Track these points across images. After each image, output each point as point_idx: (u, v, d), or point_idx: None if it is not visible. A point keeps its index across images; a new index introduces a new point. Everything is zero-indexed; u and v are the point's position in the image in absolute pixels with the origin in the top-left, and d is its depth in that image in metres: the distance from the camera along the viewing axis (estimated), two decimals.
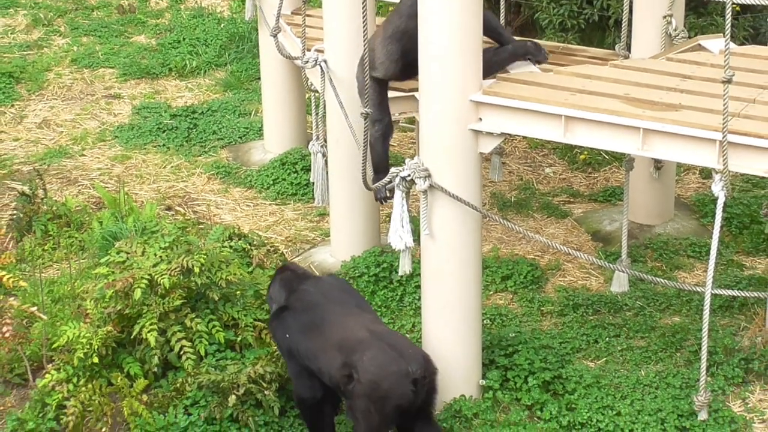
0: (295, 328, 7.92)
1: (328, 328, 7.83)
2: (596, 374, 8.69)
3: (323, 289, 8.13)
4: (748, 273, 9.97)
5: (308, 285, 8.12)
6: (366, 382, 7.52)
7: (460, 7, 7.67)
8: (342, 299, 8.10)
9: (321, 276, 8.53)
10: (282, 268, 8.41)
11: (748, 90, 8.00)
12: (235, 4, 14.28)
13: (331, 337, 7.78)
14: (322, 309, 7.95)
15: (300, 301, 8.01)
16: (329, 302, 8.01)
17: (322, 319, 7.89)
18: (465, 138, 7.97)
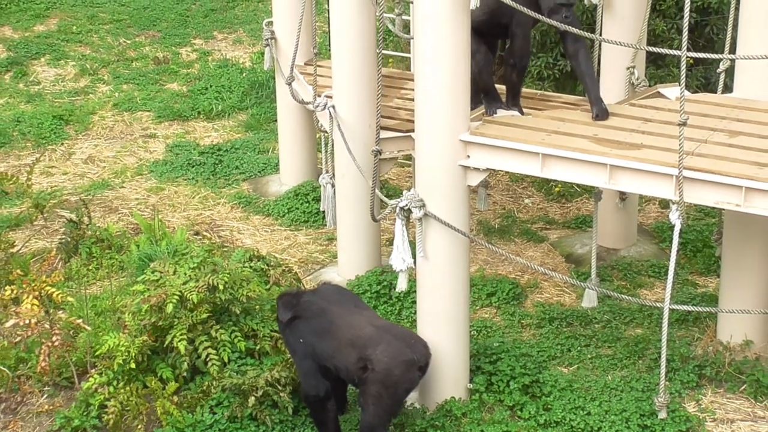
0: (308, 334, 7.95)
1: (338, 330, 7.89)
2: (569, 379, 8.67)
3: (324, 296, 8.17)
4: (701, 291, 9.96)
5: (309, 296, 8.15)
6: (381, 371, 7.66)
7: (450, 69, 7.71)
8: (342, 301, 8.16)
9: (319, 286, 8.54)
10: (280, 295, 8.39)
11: (701, 132, 8.01)
12: (255, 56, 14.30)
13: (342, 336, 7.86)
14: (329, 313, 7.99)
15: (307, 311, 8.03)
16: (333, 306, 8.05)
17: (331, 322, 7.94)
18: (455, 173, 7.98)
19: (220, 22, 15.34)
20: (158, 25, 15.25)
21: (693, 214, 10.83)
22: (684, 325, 9.40)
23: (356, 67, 9.60)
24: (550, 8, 8.17)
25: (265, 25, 11.45)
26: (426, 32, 7.75)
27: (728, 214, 8.73)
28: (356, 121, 9.64)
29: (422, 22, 7.77)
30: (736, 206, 7.55)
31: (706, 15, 12.09)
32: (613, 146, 7.87)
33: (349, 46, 9.57)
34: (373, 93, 9.64)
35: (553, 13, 8.13)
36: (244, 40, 14.93)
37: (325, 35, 12.83)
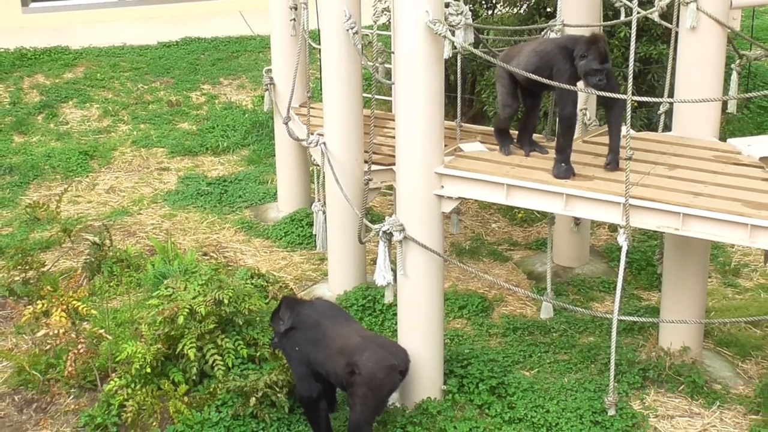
0: (303, 343, 7.95)
1: (329, 340, 7.90)
2: (531, 381, 8.66)
3: (318, 310, 8.15)
4: (645, 304, 9.97)
5: (306, 309, 8.14)
6: (366, 375, 7.68)
7: (426, 111, 7.73)
8: (333, 315, 8.15)
9: (313, 300, 8.54)
10: (284, 298, 8.42)
11: (644, 165, 8.03)
12: (256, 99, 14.31)
13: (333, 345, 7.87)
14: (322, 326, 7.98)
15: (303, 323, 8.02)
16: (325, 319, 8.04)
17: (323, 333, 7.94)
18: (431, 201, 7.98)
19: (226, 69, 15.35)
20: (171, 73, 15.25)
21: (638, 236, 10.85)
22: (630, 334, 9.40)
23: (344, 109, 9.61)
24: (585, 72, 7.86)
25: (265, 72, 11.47)
26: (404, 79, 7.77)
27: (668, 237, 8.75)
28: (344, 156, 9.65)
29: (401, 70, 7.80)
30: (675, 230, 7.57)
31: (648, 64, 12.15)
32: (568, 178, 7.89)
33: (337, 91, 9.58)
34: (358, 131, 9.68)
35: (589, 76, 7.86)
36: (247, 85, 14.94)
37: (317, 81, 12.84)
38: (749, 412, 8.51)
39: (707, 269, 9.08)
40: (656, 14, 8.58)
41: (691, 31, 8.34)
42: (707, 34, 8.33)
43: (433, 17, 7.54)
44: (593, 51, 7.80)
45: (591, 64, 7.80)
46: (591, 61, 7.79)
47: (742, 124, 13.07)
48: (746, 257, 10.87)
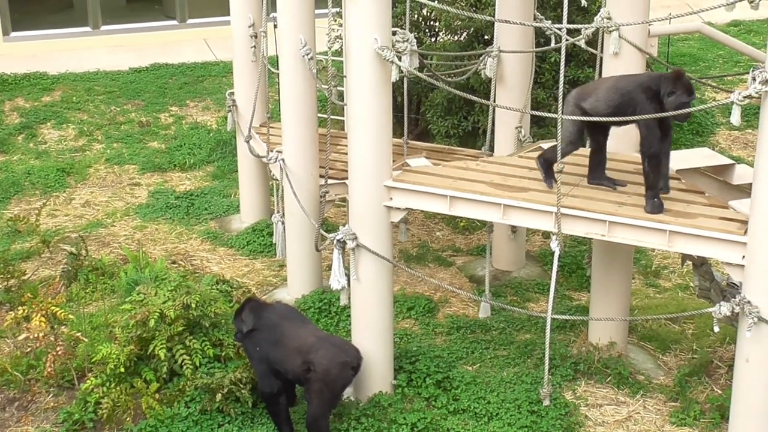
0: (264, 343, 7.93)
1: (287, 340, 7.89)
2: (473, 375, 8.66)
3: (277, 313, 8.13)
4: (575, 303, 10.01)
5: (267, 312, 8.10)
6: (321, 371, 7.69)
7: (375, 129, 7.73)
8: (291, 317, 8.14)
9: (273, 303, 8.49)
10: (248, 299, 8.37)
11: (573, 178, 8.07)
12: (220, 120, 14.22)
13: (290, 345, 7.86)
14: (281, 327, 7.97)
15: (264, 325, 8.00)
16: (284, 321, 8.03)
17: (282, 334, 7.92)
18: (381, 211, 7.97)
19: (192, 92, 15.24)
20: (142, 96, 15.12)
21: (569, 242, 10.90)
22: (563, 331, 9.43)
23: (301, 128, 9.58)
24: (676, 106, 7.49)
25: (228, 95, 11.42)
26: (356, 100, 7.76)
27: (596, 243, 8.80)
28: (301, 171, 9.61)
29: (353, 92, 7.79)
30: (602, 236, 7.61)
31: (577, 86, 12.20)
32: (505, 189, 7.90)
33: (295, 111, 9.55)
34: (314, 148, 9.65)
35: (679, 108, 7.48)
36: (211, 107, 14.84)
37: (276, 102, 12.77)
38: (669, 400, 8.56)
39: (631, 271, 9.14)
40: (583, 41, 8.63)
41: (614, 57, 8.40)
42: (628, 59, 8.39)
43: (381, 44, 7.54)
44: (680, 86, 7.51)
45: (681, 98, 7.50)
46: (680, 96, 7.50)
47: None
48: (666, 260, 10.96)
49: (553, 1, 11.86)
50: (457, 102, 12.11)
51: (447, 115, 12.26)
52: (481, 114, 11.84)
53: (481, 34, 12.20)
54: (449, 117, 12.25)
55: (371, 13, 7.51)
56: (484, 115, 11.48)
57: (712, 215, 7.46)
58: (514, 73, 9.90)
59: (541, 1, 11.59)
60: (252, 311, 8.10)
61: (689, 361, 9.04)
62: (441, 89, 11.60)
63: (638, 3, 8.25)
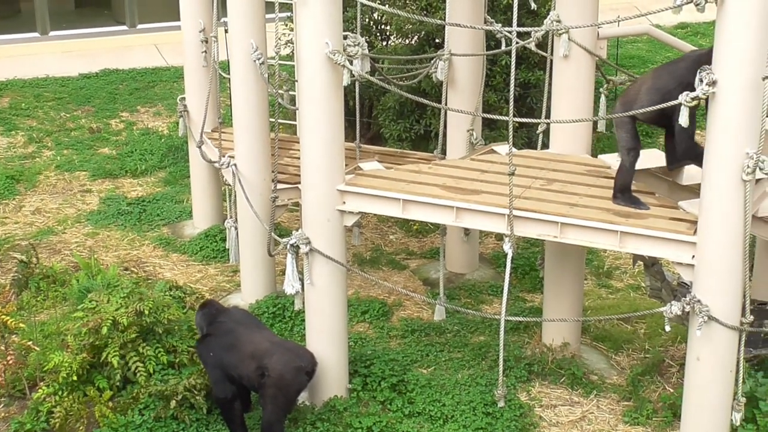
0: (218, 348, 7.89)
1: (242, 345, 7.86)
2: (428, 378, 8.66)
3: (233, 318, 8.11)
4: (529, 305, 10.05)
5: (222, 317, 8.07)
6: (275, 377, 7.67)
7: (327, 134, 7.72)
8: (246, 323, 8.12)
9: (229, 308, 8.45)
10: (204, 303, 8.34)
11: (525, 180, 8.10)
12: (172, 125, 14.12)
13: (245, 350, 7.83)
14: (235, 332, 7.94)
15: (218, 330, 7.97)
16: (239, 326, 8.00)
17: (236, 339, 7.89)
18: (334, 216, 7.95)
19: (143, 98, 15.13)
20: (92, 102, 14.98)
21: (521, 244, 10.95)
22: (516, 333, 9.47)
23: (252, 133, 9.54)
24: None
25: (179, 100, 11.34)
26: (307, 105, 7.74)
27: (548, 244, 8.84)
28: (254, 176, 9.57)
29: (304, 96, 7.77)
30: (554, 237, 7.65)
31: (527, 89, 12.29)
32: (458, 192, 7.92)
33: (246, 116, 9.51)
34: (266, 153, 9.62)
35: None
36: (163, 112, 14.73)
37: (228, 108, 12.72)
38: (622, 399, 8.62)
39: (583, 272, 9.20)
40: (533, 44, 8.68)
41: (564, 59, 8.45)
42: (578, 62, 8.45)
43: (332, 48, 7.53)
44: None
45: None
46: None
47: (611, 141, 13.28)
48: (617, 261, 11.04)
49: (503, 5, 11.92)
50: (409, 105, 12.13)
51: (399, 119, 12.28)
52: (433, 117, 11.87)
53: (432, 38, 12.23)
54: (401, 120, 12.27)
55: (322, 17, 7.49)
56: (436, 118, 11.51)
57: (662, 216, 7.53)
58: (466, 76, 9.94)
59: (491, 5, 11.64)
60: (205, 316, 8.05)
61: (641, 361, 9.11)
62: (393, 93, 11.61)
63: (587, 6, 8.31)
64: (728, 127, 6.89)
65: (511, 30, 7.46)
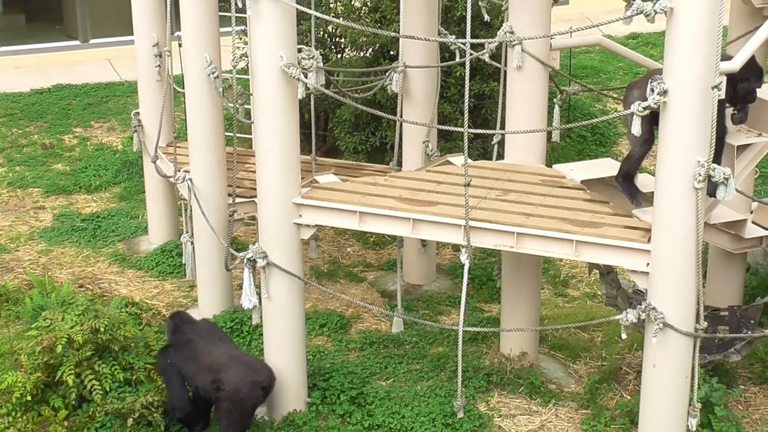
0: (177, 358, 7.92)
1: (200, 357, 7.87)
2: (387, 390, 8.66)
3: (196, 329, 8.12)
4: (487, 315, 10.09)
5: (187, 327, 8.10)
6: (230, 391, 7.65)
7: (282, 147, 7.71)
8: (209, 335, 8.11)
9: (197, 320, 8.42)
10: (172, 314, 8.37)
11: (481, 190, 8.14)
12: (126, 140, 14.03)
13: (203, 362, 7.85)
14: (195, 343, 7.96)
15: (179, 340, 8.00)
16: (200, 338, 8.00)
17: (195, 350, 7.91)
18: (290, 229, 7.94)
19: (97, 113, 15.02)
20: (45, 117, 14.85)
21: (478, 254, 10.99)
22: (475, 343, 9.49)
23: (208, 147, 9.51)
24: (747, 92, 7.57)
25: (134, 115, 11.29)
26: (263, 118, 7.73)
27: (505, 254, 8.88)
28: (209, 191, 9.53)
29: (259, 110, 7.76)
30: (511, 248, 7.69)
31: (482, 100, 12.35)
32: (414, 204, 7.93)
33: (201, 131, 9.48)
34: (222, 167, 9.58)
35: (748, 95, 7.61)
36: (117, 127, 14.63)
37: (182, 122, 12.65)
38: (580, 408, 8.67)
39: (540, 282, 9.25)
40: (487, 55, 8.72)
41: (518, 70, 8.51)
42: (532, 73, 8.51)
43: (287, 61, 7.52)
44: (754, 72, 7.53)
45: (753, 86, 7.56)
46: (753, 83, 7.55)
47: (565, 151, 13.39)
48: (573, 270, 11.12)
49: (456, 16, 11.98)
50: (364, 118, 12.14)
51: (355, 131, 12.29)
52: (389, 129, 11.89)
53: (387, 50, 12.26)
54: (357, 133, 12.28)
55: (276, 30, 7.49)
56: (392, 130, 11.53)
57: (616, 224, 7.59)
58: (420, 87, 9.97)
59: (445, 17, 11.70)
60: (170, 327, 8.10)
61: (599, 369, 9.17)
62: (348, 105, 11.61)
63: (540, 17, 8.37)
64: (679, 136, 6.96)
65: (465, 42, 7.50)
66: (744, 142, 7.88)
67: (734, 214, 8.89)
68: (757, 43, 7.47)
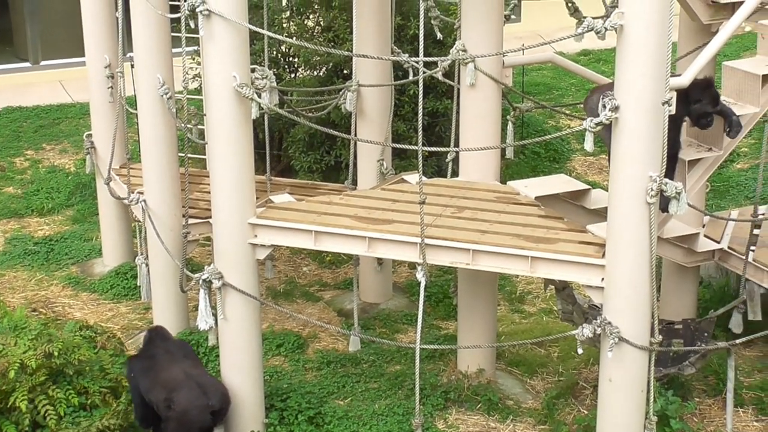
0: (138, 371, 7.95)
1: (158, 372, 7.89)
2: (345, 409, 8.64)
3: (166, 345, 8.16)
4: (444, 332, 10.10)
5: (157, 341, 8.17)
6: (179, 411, 7.65)
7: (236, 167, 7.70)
8: (173, 351, 8.13)
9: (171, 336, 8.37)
10: (151, 327, 8.50)
11: (436, 208, 8.16)
12: (79, 162, 13.91)
13: (159, 378, 7.85)
14: (156, 358, 7.99)
15: (145, 353, 8.08)
16: (163, 353, 8.04)
17: (154, 364, 7.94)
18: (246, 249, 7.91)
19: (48, 135, 14.89)
20: None
21: (435, 272, 11.01)
22: (432, 361, 9.50)
23: (161, 168, 9.46)
24: (699, 114, 7.72)
25: (86, 137, 11.21)
26: (216, 138, 7.71)
27: (461, 271, 8.90)
28: (164, 212, 9.48)
29: (213, 130, 7.73)
30: (467, 264, 7.71)
31: (436, 117, 12.41)
32: (370, 222, 7.94)
33: (155, 152, 9.43)
34: (176, 188, 9.53)
35: (701, 118, 7.75)
36: (69, 149, 14.51)
37: (135, 143, 12.57)
38: (538, 423, 8.70)
39: (496, 298, 9.28)
40: (440, 74, 8.76)
41: (471, 88, 8.55)
42: (485, 90, 8.56)
43: (240, 81, 7.51)
44: (708, 95, 7.68)
45: (705, 108, 7.68)
46: (705, 105, 7.67)
47: (519, 167, 13.48)
48: (529, 285, 11.17)
49: (409, 35, 12.03)
50: (318, 137, 12.14)
51: (309, 151, 12.28)
52: (343, 148, 11.90)
53: (340, 69, 12.28)
54: (311, 152, 12.27)
55: (229, 50, 7.48)
56: (346, 149, 11.53)
57: (571, 240, 7.65)
58: (374, 106, 9.99)
59: (398, 35, 11.75)
60: (145, 338, 8.19)
61: (556, 384, 9.21)
62: (302, 125, 11.61)
63: (492, 35, 8.43)
64: (631, 151, 7.03)
65: (418, 60, 7.53)
66: (694, 157, 7.97)
67: (687, 228, 9.00)
68: (706, 59, 7.58)
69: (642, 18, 6.75)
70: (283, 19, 12.77)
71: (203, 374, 8.27)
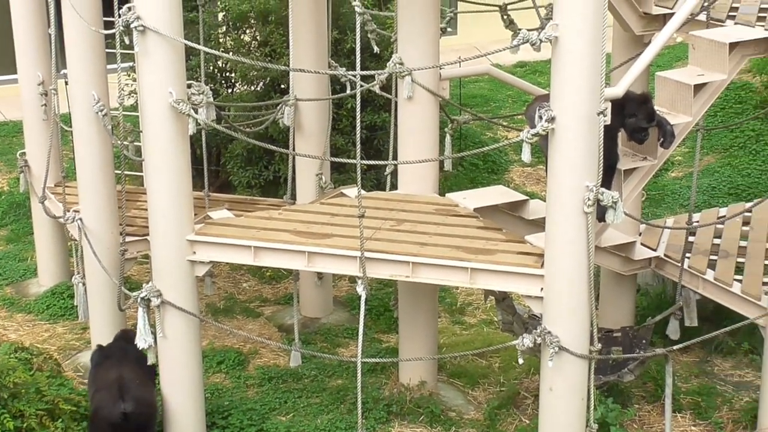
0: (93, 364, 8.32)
1: (100, 370, 8.10)
2: (287, 425, 8.60)
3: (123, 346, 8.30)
4: (385, 345, 10.10)
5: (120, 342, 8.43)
6: (93, 410, 7.85)
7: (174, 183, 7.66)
8: (124, 355, 8.21)
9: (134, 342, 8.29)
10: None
11: (376, 221, 8.16)
12: (12, 181, 13.72)
13: (97, 375, 8.09)
14: (109, 357, 8.18)
15: (106, 349, 8.33)
16: (114, 355, 8.19)
17: (104, 362, 8.15)
18: (184, 266, 7.85)
19: None
20: None
21: (375, 285, 11.01)
22: (374, 374, 9.49)
23: (97, 186, 9.35)
24: (633, 129, 7.78)
25: (19, 155, 11.05)
26: (153, 155, 7.65)
27: (401, 284, 8.92)
28: (100, 230, 9.36)
29: (149, 147, 7.68)
30: (406, 277, 7.72)
31: (374, 131, 12.43)
32: (309, 237, 7.92)
33: (90, 169, 9.31)
34: (112, 206, 9.42)
35: (635, 133, 7.79)
36: (2, 168, 14.30)
37: (71, 161, 12.43)
38: None
39: (437, 310, 9.31)
40: (377, 87, 8.79)
41: (409, 101, 8.59)
42: (422, 103, 8.60)
43: (176, 97, 7.46)
44: (643, 111, 7.73)
45: (640, 123, 7.73)
46: (640, 120, 7.72)
47: (458, 179, 13.55)
48: (470, 297, 11.22)
49: (346, 49, 12.05)
50: (257, 152, 12.10)
51: (247, 166, 12.23)
52: (282, 163, 11.87)
53: (278, 84, 12.26)
54: (250, 167, 12.22)
55: (165, 66, 7.43)
56: (285, 163, 11.50)
57: (510, 250, 7.69)
58: (312, 120, 9.99)
59: (335, 49, 11.76)
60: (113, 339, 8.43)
61: (497, 394, 9.25)
62: (240, 140, 11.56)
63: (428, 48, 8.47)
64: (568, 162, 7.10)
65: (355, 74, 7.54)
66: (630, 166, 8.08)
67: (624, 236, 9.11)
68: (639, 69, 7.68)
69: (576, 29, 6.83)
70: (219, 34, 12.72)
71: (135, 379, 8.12)
